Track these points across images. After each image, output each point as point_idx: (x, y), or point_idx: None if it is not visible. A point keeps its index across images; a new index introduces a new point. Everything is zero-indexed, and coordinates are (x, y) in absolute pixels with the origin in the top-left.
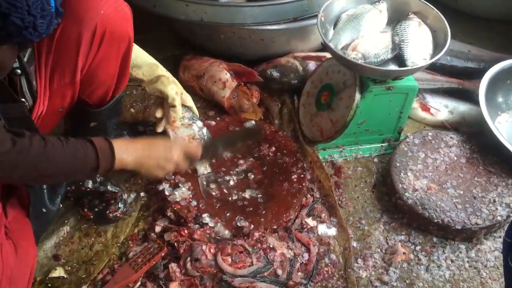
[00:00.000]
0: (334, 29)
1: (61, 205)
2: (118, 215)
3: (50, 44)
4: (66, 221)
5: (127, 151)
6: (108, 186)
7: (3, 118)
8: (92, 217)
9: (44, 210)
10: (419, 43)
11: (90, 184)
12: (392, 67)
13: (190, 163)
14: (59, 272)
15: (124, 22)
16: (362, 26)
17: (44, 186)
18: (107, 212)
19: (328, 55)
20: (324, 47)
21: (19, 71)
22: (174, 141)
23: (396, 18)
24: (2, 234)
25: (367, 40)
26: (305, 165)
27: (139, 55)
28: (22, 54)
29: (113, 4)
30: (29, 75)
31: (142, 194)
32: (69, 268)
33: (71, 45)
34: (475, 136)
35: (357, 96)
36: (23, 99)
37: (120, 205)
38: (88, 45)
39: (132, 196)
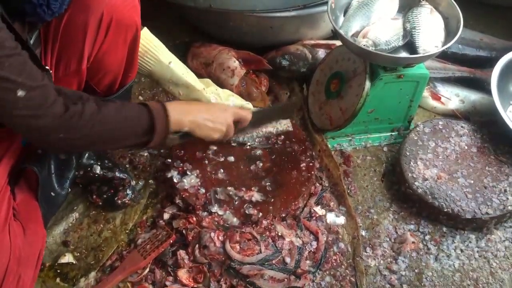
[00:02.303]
0: (344, 16)
1: (69, 190)
2: (127, 201)
3: (57, 31)
4: (75, 208)
5: (183, 112)
6: (117, 173)
7: None
8: (100, 203)
9: (52, 194)
10: (431, 30)
11: (98, 170)
12: (404, 54)
13: (237, 130)
14: (68, 258)
15: (131, 11)
16: (372, 12)
17: (53, 170)
18: (116, 198)
19: (338, 43)
20: (334, 34)
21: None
22: (227, 105)
23: (408, 5)
24: (11, 216)
25: (378, 27)
26: (314, 154)
27: (176, 73)
28: (28, 36)
29: None
30: (36, 57)
31: (150, 181)
32: (78, 254)
33: (78, 33)
34: (486, 125)
35: (367, 84)
36: (47, 67)
37: (129, 191)
38: (94, 33)
39: (140, 183)
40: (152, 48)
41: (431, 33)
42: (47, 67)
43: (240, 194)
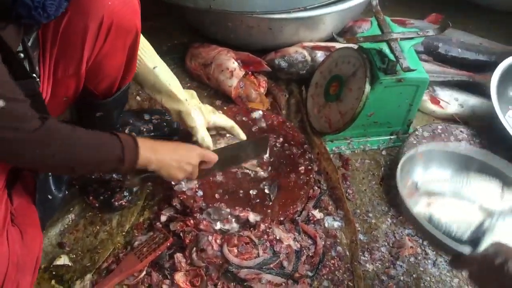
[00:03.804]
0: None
1: (66, 192)
2: (124, 203)
3: (55, 34)
4: (71, 209)
5: (151, 149)
6: (114, 174)
7: None
8: (97, 205)
9: (49, 197)
10: None
11: None
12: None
13: (203, 171)
14: (63, 260)
15: (132, 14)
16: None
17: (49, 173)
18: (113, 200)
19: (337, 45)
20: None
21: (22, 55)
22: (194, 146)
23: None
24: (8, 221)
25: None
26: (312, 157)
27: (160, 80)
28: (26, 38)
29: None
30: (32, 60)
31: (148, 183)
32: (74, 256)
33: (77, 37)
34: (485, 130)
35: (367, 87)
36: (34, 75)
37: (126, 193)
38: (94, 37)
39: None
40: (139, 49)
41: None
42: (33, 75)
43: (235, 213)
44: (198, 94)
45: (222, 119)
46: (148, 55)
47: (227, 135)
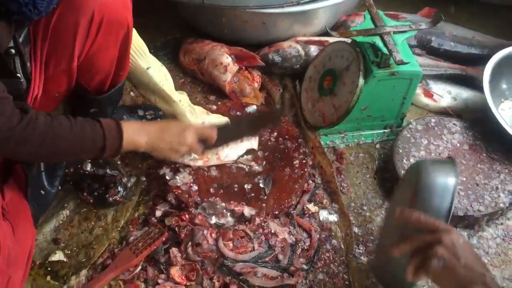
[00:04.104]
0: None
1: (60, 187)
2: (118, 199)
3: (46, 30)
4: (65, 205)
5: (138, 133)
6: (108, 170)
7: None
8: (91, 201)
9: (42, 192)
10: None
11: (89, 167)
12: None
13: (205, 147)
14: (58, 256)
15: (123, 9)
16: None
17: (42, 168)
18: (107, 196)
19: (330, 39)
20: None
21: (13, 51)
22: (188, 123)
23: None
24: (0, 214)
25: None
26: (306, 151)
27: (153, 81)
28: (17, 34)
29: None
30: (23, 55)
31: (142, 178)
32: (69, 252)
33: (68, 32)
34: (478, 123)
35: (361, 81)
36: (19, 75)
37: (120, 188)
38: (85, 32)
39: (132, 180)
40: (133, 50)
41: None
42: (18, 75)
43: (230, 207)
44: (192, 89)
45: (216, 118)
46: (141, 55)
47: None
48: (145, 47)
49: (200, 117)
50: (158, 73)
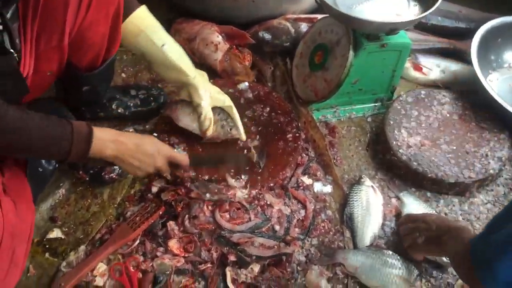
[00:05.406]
0: None
1: (57, 166)
2: (114, 176)
3: (36, 6)
4: (61, 184)
5: (111, 144)
6: None
7: None
8: (87, 179)
9: (40, 169)
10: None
11: None
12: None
13: (174, 169)
14: (56, 233)
15: None
16: None
17: None
18: (103, 174)
19: (320, 16)
20: (320, 6)
21: (1, 26)
22: (163, 145)
23: None
24: (0, 191)
25: None
26: (299, 125)
27: (168, 57)
28: (4, 10)
29: None
30: (12, 31)
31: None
32: (66, 229)
33: (58, 8)
34: (467, 94)
35: (351, 54)
36: (12, 50)
37: (115, 166)
38: (75, 9)
39: None
40: (146, 28)
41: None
42: (11, 50)
43: (222, 191)
44: None
45: (228, 101)
46: (155, 33)
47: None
48: (158, 24)
49: (214, 94)
50: (174, 49)
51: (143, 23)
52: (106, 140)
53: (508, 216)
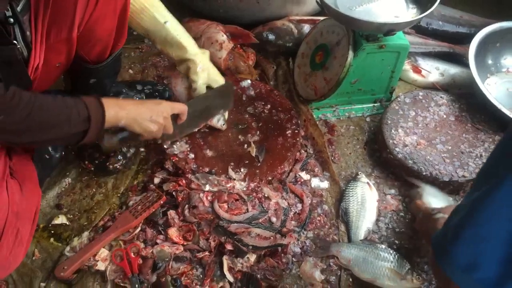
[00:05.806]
0: None
1: (63, 153)
2: (118, 167)
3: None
4: (67, 173)
5: (118, 106)
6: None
7: None
8: (92, 169)
9: (46, 156)
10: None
11: None
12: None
13: (177, 125)
14: (61, 220)
15: None
16: None
17: None
18: (107, 164)
19: (322, 18)
20: (321, 8)
21: (12, 19)
22: (160, 100)
23: None
24: (7, 173)
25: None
26: (299, 122)
27: (171, 34)
28: (15, 3)
29: None
30: (23, 24)
31: (141, 149)
32: (71, 216)
33: (69, 2)
34: (464, 97)
35: (350, 54)
36: (15, 41)
37: (120, 157)
38: (85, 2)
39: (131, 151)
40: (150, 5)
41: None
42: (14, 42)
43: (222, 183)
44: None
45: (221, 79)
46: (158, 10)
47: None
48: (160, 2)
49: (211, 77)
50: (176, 26)
51: (147, 1)
52: (113, 103)
53: (465, 201)
